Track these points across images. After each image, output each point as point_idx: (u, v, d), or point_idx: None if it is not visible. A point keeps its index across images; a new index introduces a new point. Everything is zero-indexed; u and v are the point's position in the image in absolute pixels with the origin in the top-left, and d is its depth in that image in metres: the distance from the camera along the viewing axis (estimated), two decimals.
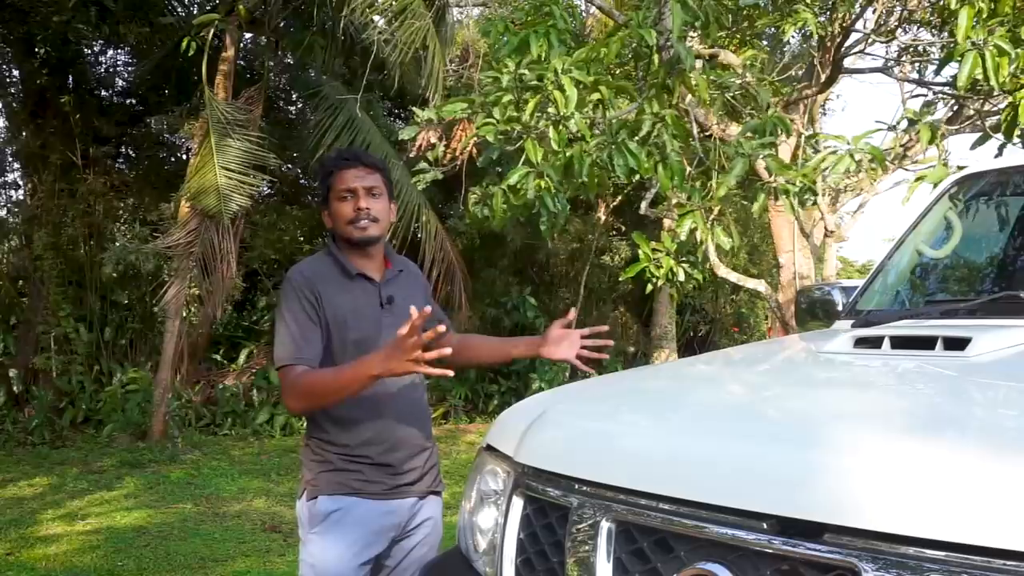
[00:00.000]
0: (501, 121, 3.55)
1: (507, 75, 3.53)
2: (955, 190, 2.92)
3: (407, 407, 2.49)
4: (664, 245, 4.07)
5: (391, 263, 2.56)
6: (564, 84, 3.39)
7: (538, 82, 3.50)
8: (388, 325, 2.37)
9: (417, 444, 2.49)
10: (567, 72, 3.43)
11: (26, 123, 11.03)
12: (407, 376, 2.36)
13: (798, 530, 1.27)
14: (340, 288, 2.42)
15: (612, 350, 9.86)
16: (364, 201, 2.44)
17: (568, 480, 1.63)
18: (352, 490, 2.37)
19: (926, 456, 1.24)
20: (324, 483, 2.38)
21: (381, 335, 2.37)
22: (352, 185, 2.44)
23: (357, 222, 2.43)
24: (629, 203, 12.31)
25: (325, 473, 2.39)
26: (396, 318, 2.34)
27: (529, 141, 3.47)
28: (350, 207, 2.43)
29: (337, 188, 2.46)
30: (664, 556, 1.43)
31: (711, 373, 2.20)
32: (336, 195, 2.46)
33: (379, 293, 2.46)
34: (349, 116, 9.93)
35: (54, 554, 5.25)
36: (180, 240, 8.93)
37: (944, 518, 1.15)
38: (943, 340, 1.87)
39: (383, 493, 2.40)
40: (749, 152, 3.32)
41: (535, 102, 3.50)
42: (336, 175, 2.47)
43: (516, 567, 1.71)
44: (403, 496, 2.45)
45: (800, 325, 3.09)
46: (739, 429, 1.52)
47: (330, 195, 2.48)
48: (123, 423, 9.45)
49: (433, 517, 2.55)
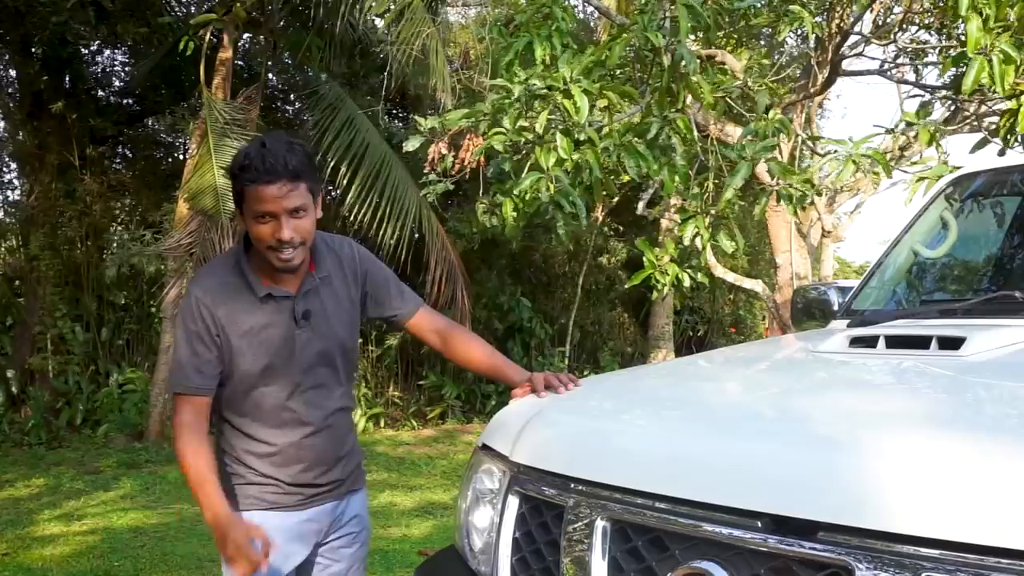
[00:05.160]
0: (511, 131, 3.54)
1: (518, 85, 3.50)
2: (951, 190, 2.92)
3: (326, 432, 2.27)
4: (668, 251, 4.07)
5: (315, 264, 2.21)
6: (574, 93, 3.38)
7: (547, 91, 3.49)
8: (304, 343, 2.17)
9: (335, 458, 2.29)
10: (576, 81, 3.43)
11: (23, 123, 11.02)
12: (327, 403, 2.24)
13: (792, 528, 1.28)
14: (245, 308, 2.13)
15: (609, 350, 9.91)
16: (287, 230, 2.02)
17: (564, 479, 1.64)
18: (268, 504, 2.20)
19: (921, 455, 1.24)
20: (241, 497, 2.20)
21: (294, 355, 2.16)
22: (271, 208, 2.00)
23: (279, 251, 2.05)
24: (626, 204, 12.33)
25: (239, 487, 2.21)
26: (314, 333, 2.18)
27: (540, 149, 3.47)
28: (268, 232, 2.03)
29: (252, 207, 2.03)
30: (659, 555, 1.44)
31: (707, 372, 2.21)
32: (250, 212, 2.04)
33: (293, 308, 2.16)
34: (348, 116, 9.92)
35: (50, 555, 5.25)
36: (180, 241, 8.92)
37: (939, 516, 1.16)
38: (938, 339, 1.87)
39: (299, 504, 2.24)
40: (752, 156, 3.33)
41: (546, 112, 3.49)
42: (252, 190, 2.01)
43: (512, 566, 1.72)
44: (322, 503, 2.28)
45: (796, 325, 3.09)
46: (734, 428, 1.52)
47: (243, 207, 2.07)
48: (120, 424, 9.45)
49: (359, 514, 2.41)
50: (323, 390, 2.25)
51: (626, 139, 3.47)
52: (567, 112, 3.43)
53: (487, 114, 3.77)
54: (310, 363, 2.20)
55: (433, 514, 6.38)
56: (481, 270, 12.02)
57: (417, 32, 8.35)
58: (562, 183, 3.51)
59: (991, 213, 2.89)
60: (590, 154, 3.42)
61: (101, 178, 11.27)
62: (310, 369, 2.20)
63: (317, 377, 2.22)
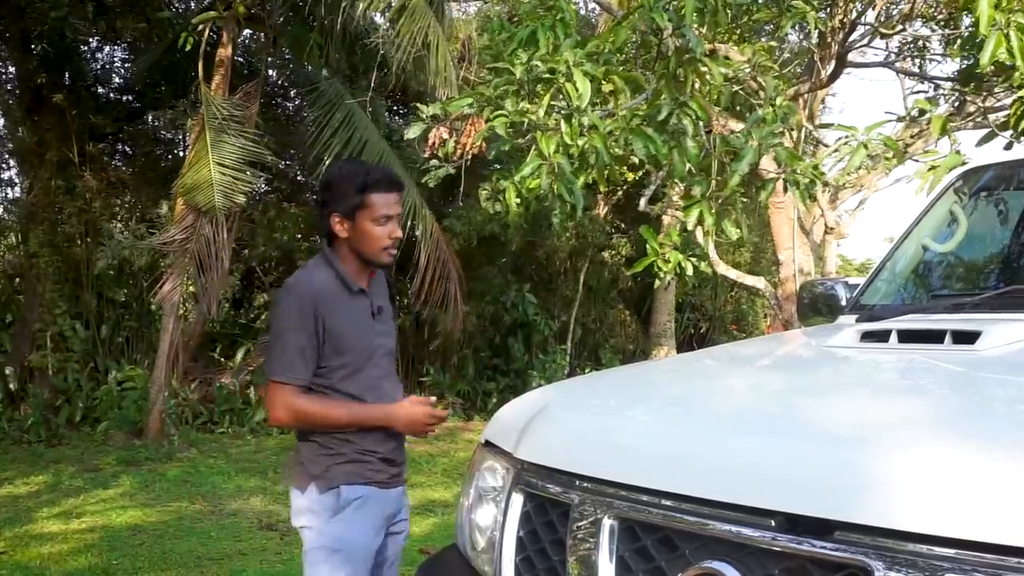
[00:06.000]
0: (513, 112, 3.50)
1: (520, 67, 3.47)
2: (960, 184, 2.88)
3: None
4: (671, 239, 4.01)
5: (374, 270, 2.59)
6: (576, 78, 3.34)
7: (550, 75, 3.46)
8: (378, 334, 2.51)
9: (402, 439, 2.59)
10: (579, 65, 3.39)
11: (22, 120, 10.97)
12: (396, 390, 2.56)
13: (807, 527, 1.24)
14: (341, 303, 2.44)
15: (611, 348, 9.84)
16: (398, 231, 2.48)
17: (569, 476, 1.59)
18: (366, 479, 2.44)
19: (940, 452, 1.20)
20: (340, 474, 2.43)
21: (372, 344, 2.48)
22: (391, 212, 2.45)
23: (391, 249, 2.47)
24: (628, 200, 12.28)
25: (338, 466, 2.44)
26: (384, 326, 2.55)
27: (541, 135, 3.43)
28: (385, 233, 2.44)
29: (376, 211, 2.43)
30: (668, 554, 1.39)
31: (715, 367, 2.16)
32: (372, 216, 2.43)
33: (371, 304, 2.52)
34: (347, 113, 9.87)
35: (49, 553, 5.20)
36: (176, 236, 8.88)
37: (959, 515, 1.11)
38: (952, 334, 1.83)
39: (386, 482, 2.49)
40: (760, 140, 3.27)
41: (548, 97, 3.46)
42: (377, 196, 2.43)
43: (516, 565, 1.67)
44: (397, 485, 2.55)
45: (803, 320, 3.05)
46: (745, 423, 1.48)
47: (361, 212, 2.43)
48: (119, 421, 9.40)
49: (406, 505, 2.67)
50: (392, 377, 2.59)
51: (633, 123, 3.42)
52: (568, 96, 3.39)
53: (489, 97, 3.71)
54: (382, 352, 2.53)
55: (434, 512, 6.35)
56: (483, 267, 11.98)
57: (419, 28, 8.30)
58: (563, 170, 3.46)
59: (1002, 207, 2.85)
60: (598, 139, 3.37)
61: (101, 175, 11.22)
62: (382, 357, 2.53)
63: (387, 365, 2.57)
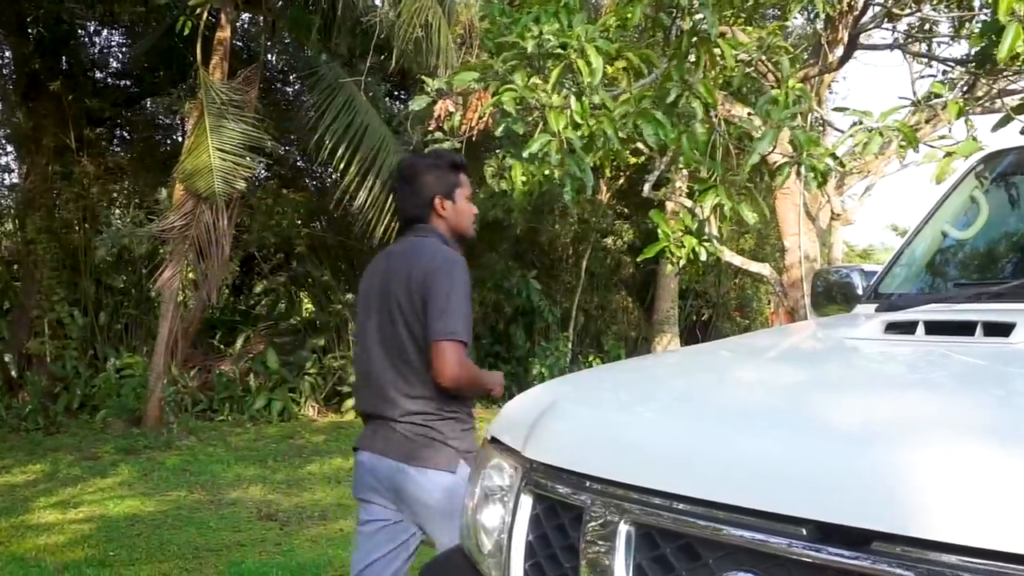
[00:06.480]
0: (523, 87, 3.42)
1: (532, 40, 3.39)
2: (981, 168, 2.78)
3: None
4: (684, 223, 3.91)
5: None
6: (588, 53, 3.27)
7: (561, 50, 3.38)
8: None
9: None
10: (592, 40, 3.31)
11: (19, 105, 10.87)
12: None
13: (842, 538, 1.14)
14: None
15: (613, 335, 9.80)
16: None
17: (582, 478, 1.49)
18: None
19: (991, 456, 1.10)
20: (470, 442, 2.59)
21: None
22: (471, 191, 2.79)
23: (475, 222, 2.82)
24: (632, 186, 12.16)
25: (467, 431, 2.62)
26: None
27: (550, 110, 3.35)
28: (472, 209, 2.79)
29: (468, 188, 2.77)
30: (689, 564, 1.30)
31: (735, 361, 2.05)
32: (465, 194, 2.76)
33: None
34: (347, 97, 9.76)
35: (45, 544, 5.14)
36: (175, 223, 8.79)
37: (1013, 527, 1.02)
38: (983, 325, 1.73)
39: None
40: (778, 121, 3.18)
41: (558, 71, 3.39)
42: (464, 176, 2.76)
43: (525, 572, 1.58)
44: None
45: (816, 309, 2.95)
46: (772, 422, 1.37)
47: (459, 191, 2.74)
48: (118, 409, 9.35)
49: None
50: None
51: (643, 105, 3.32)
52: (580, 73, 3.31)
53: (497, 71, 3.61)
54: None
55: None
56: (486, 253, 11.88)
57: (419, 9, 8.18)
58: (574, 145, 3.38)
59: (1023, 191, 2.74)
60: (607, 123, 3.29)
61: (98, 160, 11.14)
62: None
63: None
